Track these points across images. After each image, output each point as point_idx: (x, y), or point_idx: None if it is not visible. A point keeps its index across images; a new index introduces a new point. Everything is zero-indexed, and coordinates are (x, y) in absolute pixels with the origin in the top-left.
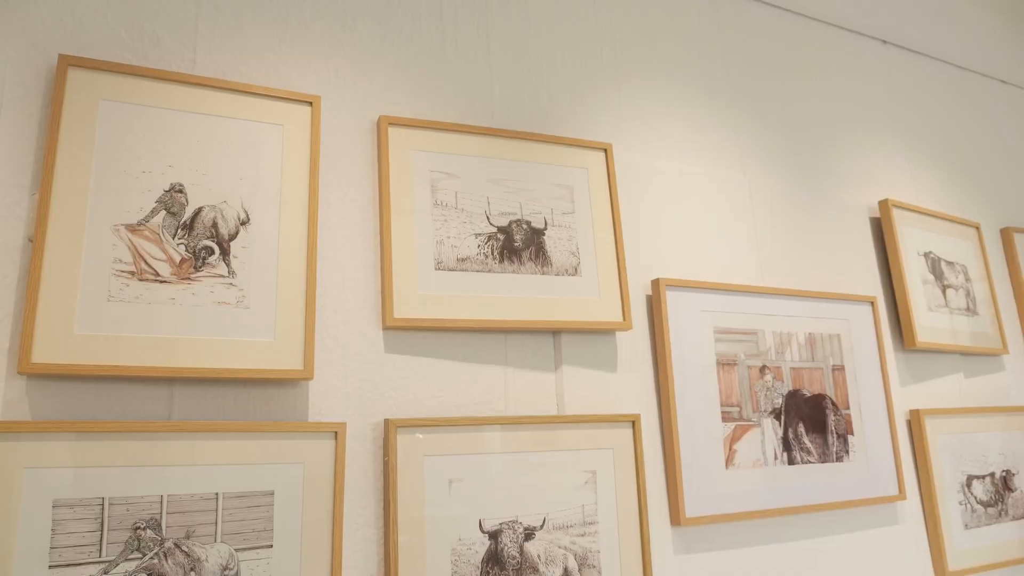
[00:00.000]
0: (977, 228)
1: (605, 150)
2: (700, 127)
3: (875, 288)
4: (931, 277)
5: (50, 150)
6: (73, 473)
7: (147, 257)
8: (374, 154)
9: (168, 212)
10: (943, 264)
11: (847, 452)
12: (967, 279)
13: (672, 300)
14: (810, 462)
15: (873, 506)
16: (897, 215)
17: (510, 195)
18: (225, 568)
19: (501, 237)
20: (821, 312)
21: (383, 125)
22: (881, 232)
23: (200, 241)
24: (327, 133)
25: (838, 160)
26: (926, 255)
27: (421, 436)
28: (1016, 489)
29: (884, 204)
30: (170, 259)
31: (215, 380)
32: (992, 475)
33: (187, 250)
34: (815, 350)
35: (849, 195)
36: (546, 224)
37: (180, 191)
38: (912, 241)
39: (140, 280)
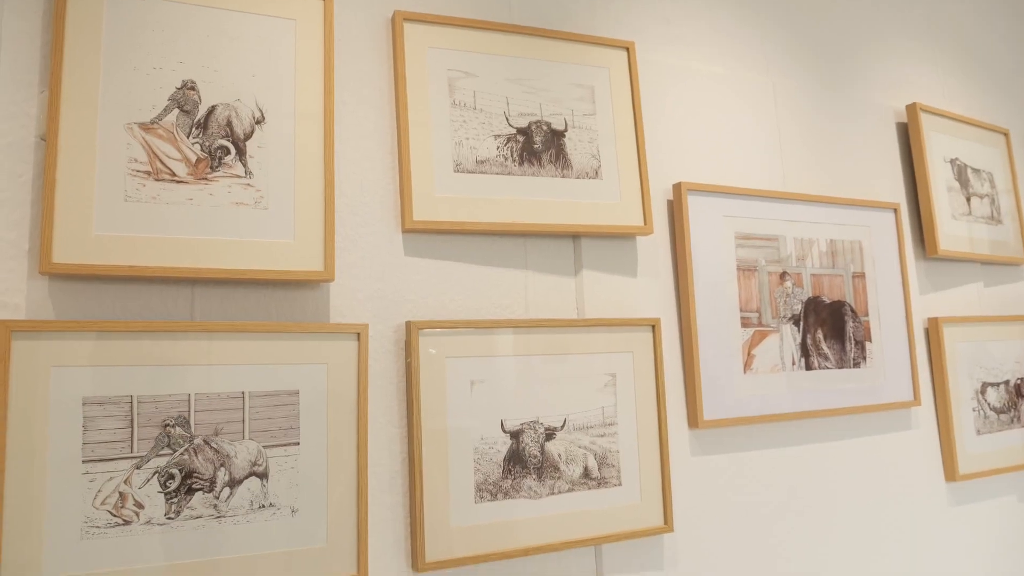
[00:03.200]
0: (1006, 135)
1: (627, 48)
2: (724, 27)
3: (899, 195)
4: (956, 184)
5: (56, 45)
6: (100, 372)
7: (162, 157)
8: (389, 51)
9: (181, 110)
10: (969, 171)
11: (864, 358)
12: (993, 187)
13: (693, 205)
14: (827, 368)
15: (888, 411)
16: (924, 120)
17: (529, 95)
18: (254, 464)
19: (520, 139)
20: (843, 219)
21: (398, 20)
22: (907, 138)
23: (215, 140)
24: (341, 28)
25: (865, 63)
26: (952, 161)
27: (434, 351)
28: None
29: (912, 108)
30: (186, 159)
31: (236, 281)
32: (1007, 383)
33: (202, 149)
34: (836, 257)
35: (875, 99)
36: (566, 126)
37: (192, 88)
38: (939, 147)
39: (156, 180)
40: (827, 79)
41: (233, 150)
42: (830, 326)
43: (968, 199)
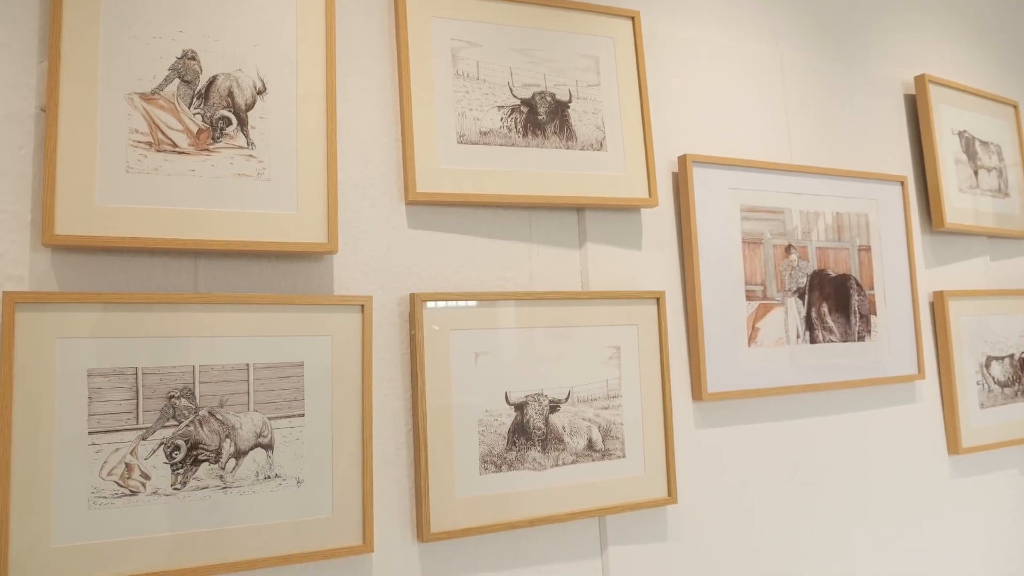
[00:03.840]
0: (1015, 107)
1: (632, 18)
2: None
3: (906, 167)
4: (964, 157)
5: (55, 15)
6: (105, 344)
7: (163, 127)
8: (391, 20)
9: (182, 80)
10: (977, 144)
11: (869, 332)
12: (1001, 159)
13: (699, 177)
14: (832, 341)
15: (892, 385)
16: (933, 91)
17: (533, 66)
18: (259, 435)
19: (525, 110)
20: (850, 192)
21: None
22: (915, 110)
23: (217, 111)
24: None
25: (873, 34)
26: (960, 134)
27: (437, 328)
28: None
29: (920, 80)
30: (187, 130)
31: (239, 253)
32: (1011, 356)
33: (204, 120)
34: (842, 230)
35: (883, 71)
36: (571, 96)
37: (193, 58)
38: (947, 119)
39: (158, 151)
40: (835, 50)
41: (235, 120)
42: (835, 300)
43: (976, 172)
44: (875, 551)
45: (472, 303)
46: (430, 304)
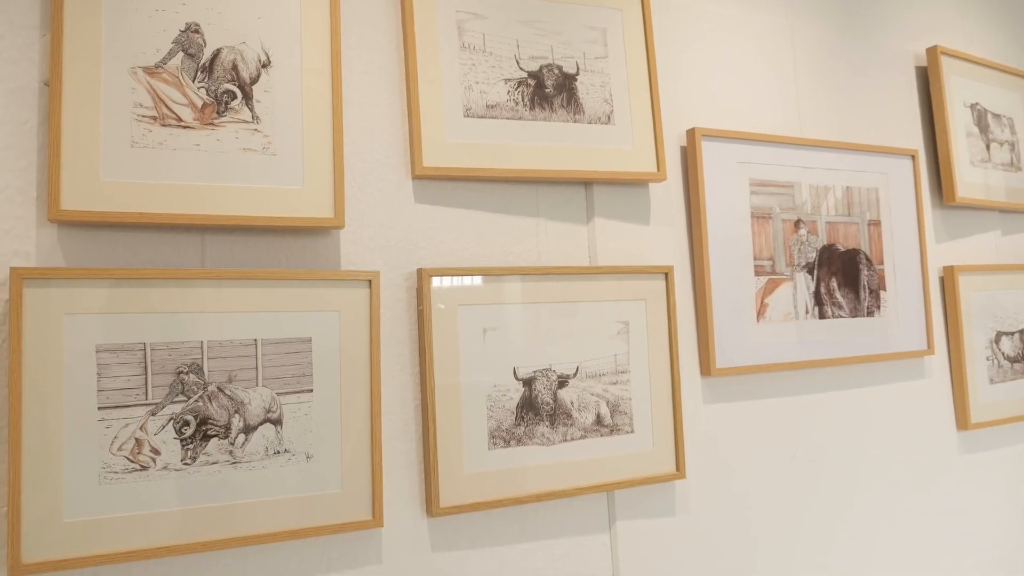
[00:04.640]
0: None
1: None
2: None
3: (917, 141)
4: (976, 130)
5: None
6: (112, 319)
7: (168, 101)
8: None
9: (186, 54)
10: (989, 116)
11: (878, 307)
12: (1013, 133)
13: (708, 151)
14: (841, 316)
15: (901, 360)
16: (945, 63)
17: (540, 38)
18: (268, 410)
19: (532, 83)
20: (860, 165)
21: None
22: (927, 82)
23: (221, 85)
24: None
25: (884, 6)
26: (972, 106)
27: (443, 306)
28: None
29: (932, 51)
30: (192, 103)
31: (246, 228)
32: (1021, 332)
33: (208, 94)
34: (852, 205)
35: (895, 42)
36: (578, 69)
37: (196, 31)
38: (959, 91)
39: (163, 126)
40: (846, 22)
41: (239, 94)
42: (844, 275)
43: (988, 145)
44: (883, 526)
45: (479, 279)
46: (437, 279)
